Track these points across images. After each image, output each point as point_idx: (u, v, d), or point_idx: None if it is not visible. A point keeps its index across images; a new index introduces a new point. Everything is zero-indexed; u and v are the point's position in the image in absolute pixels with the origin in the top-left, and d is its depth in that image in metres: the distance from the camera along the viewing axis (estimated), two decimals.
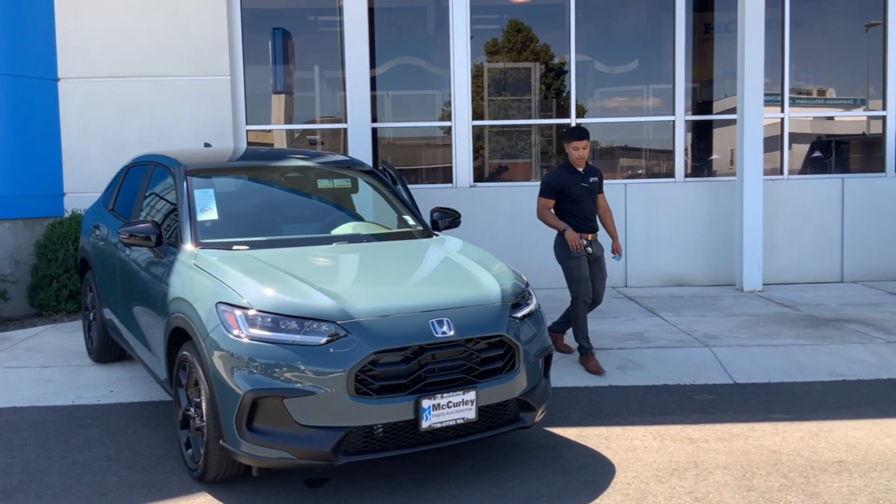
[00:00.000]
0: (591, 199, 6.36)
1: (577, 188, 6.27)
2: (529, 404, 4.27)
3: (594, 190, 6.39)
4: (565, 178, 6.29)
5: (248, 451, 3.81)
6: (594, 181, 6.38)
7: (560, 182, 6.29)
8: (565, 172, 6.31)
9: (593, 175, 6.39)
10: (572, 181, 6.27)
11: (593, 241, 6.33)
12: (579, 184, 6.28)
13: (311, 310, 3.87)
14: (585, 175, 6.32)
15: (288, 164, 5.68)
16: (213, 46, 9.28)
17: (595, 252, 6.34)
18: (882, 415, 5.19)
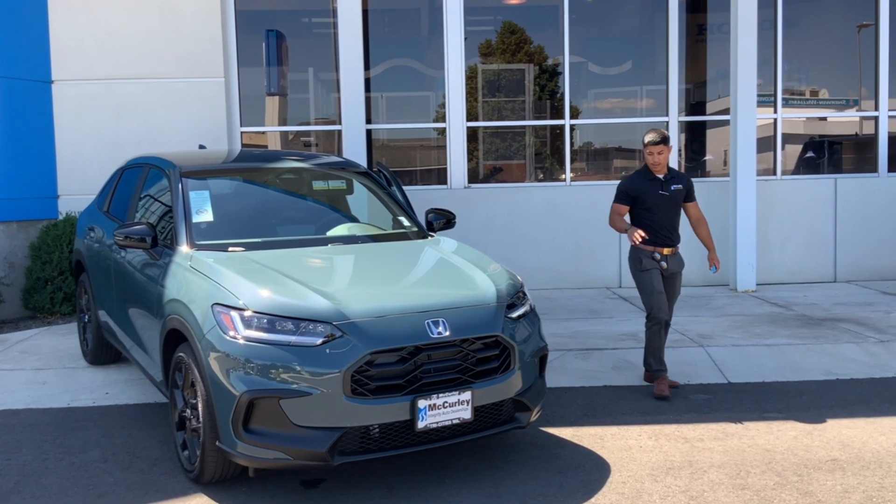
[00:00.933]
0: (671, 208, 5.72)
1: (654, 196, 5.66)
2: (525, 404, 4.29)
3: (676, 199, 5.74)
4: (640, 184, 5.70)
5: (245, 452, 3.82)
6: (677, 189, 5.72)
7: (633, 187, 5.70)
8: (640, 177, 5.73)
9: (677, 182, 5.74)
10: (648, 188, 5.68)
11: (670, 255, 5.71)
12: (657, 191, 5.67)
13: (307, 311, 3.88)
14: (666, 182, 5.69)
15: (283, 166, 5.69)
16: (208, 48, 9.28)
17: (671, 268, 5.72)
18: (875, 413, 5.22)
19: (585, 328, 7.47)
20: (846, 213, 9.81)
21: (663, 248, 5.69)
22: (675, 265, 5.78)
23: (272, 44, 10.58)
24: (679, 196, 5.76)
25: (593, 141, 11.39)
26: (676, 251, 5.79)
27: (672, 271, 5.76)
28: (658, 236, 5.71)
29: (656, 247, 5.69)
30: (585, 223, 9.69)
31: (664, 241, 5.72)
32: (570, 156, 10.16)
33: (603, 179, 10.58)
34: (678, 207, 5.81)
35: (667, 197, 5.70)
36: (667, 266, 5.71)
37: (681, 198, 5.78)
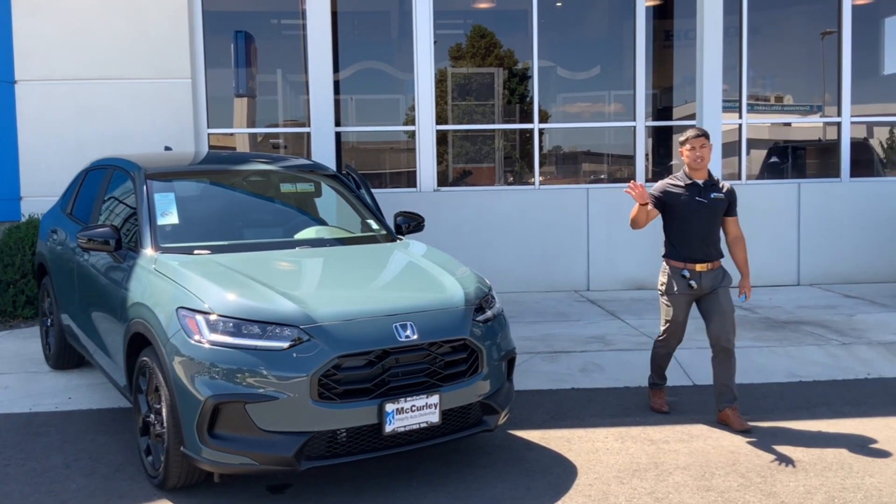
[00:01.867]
0: (709, 220, 5.01)
1: (690, 202, 4.98)
2: (493, 407, 4.30)
3: (715, 209, 5.02)
4: (673, 188, 5.04)
5: (210, 458, 3.78)
6: (717, 198, 5.01)
7: (665, 191, 5.05)
8: (675, 181, 5.08)
9: (717, 191, 5.03)
10: (683, 193, 5.00)
11: (705, 272, 5.01)
12: (692, 198, 4.98)
13: (274, 314, 3.86)
14: (705, 188, 5.00)
15: (250, 168, 5.65)
16: (174, 49, 9.18)
17: (704, 286, 5.03)
18: (837, 415, 5.30)
19: (553, 331, 7.50)
20: (809, 217, 9.96)
21: (695, 265, 5.00)
22: (711, 282, 5.05)
23: (241, 45, 10.51)
24: (719, 206, 5.04)
25: (562, 145, 11.45)
26: (715, 267, 5.05)
27: (707, 290, 5.05)
28: (690, 249, 5.01)
29: (686, 262, 5.01)
30: (554, 227, 9.74)
31: (697, 255, 5.01)
32: (539, 160, 10.20)
33: (572, 183, 10.65)
34: (717, 219, 5.07)
35: (704, 205, 4.99)
36: (697, 285, 5.02)
37: (721, 209, 5.06)
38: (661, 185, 5.11)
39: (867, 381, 6.06)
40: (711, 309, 5.05)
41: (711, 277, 5.06)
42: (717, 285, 5.07)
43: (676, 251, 5.06)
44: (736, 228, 5.19)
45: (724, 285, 5.11)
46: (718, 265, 5.09)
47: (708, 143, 5.02)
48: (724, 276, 5.14)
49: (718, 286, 5.07)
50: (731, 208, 5.15)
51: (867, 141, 11.25)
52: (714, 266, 5.06)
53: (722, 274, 5.13)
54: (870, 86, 11.44)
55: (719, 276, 5.10)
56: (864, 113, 11.14)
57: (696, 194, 5.01)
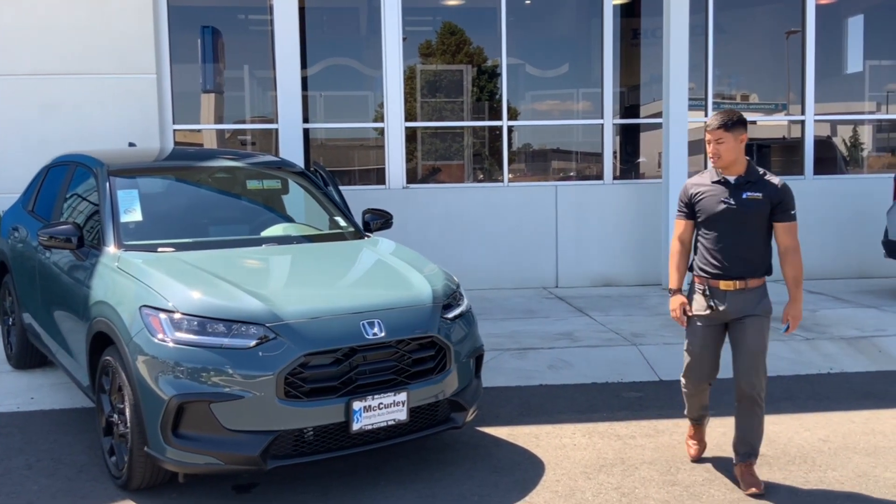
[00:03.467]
0: (738, 226, 4.02)
1: (712, 204, 4.06)
2: (461, 404, 4.30)
3: (749, 212, 3.99)
4: (696, 188, 4.17)
5: (174, 458, 3.74)
6: (753, 199, 3.98)
7: (690, 191, 4.19)
8: (701, 178, 4.20)
9: (755, 188, 4.01)
10: (709, 193, 4.08)
11: (732, 292, 4.04)
12: (717, 199, 4.04)
13: (239, 312, 3.82)
14: (737, 187, 4.02)
15: (216, 165, 5.59)
16: (138, 44, 9.07)
17: (730, 309, 4.07)
18: (800, 409, 5.38)
19: (522, 328, 7.53)
20: None
21: (718, 282, 4.05)
22: (739, 306, 4.05)
23: (208, 40, 10.40)
24: (755, 209, 3.99)
25: (532, 142, 11.48)
26: (748, 287, 4.03)
27: (734, 316, 4.08)
28: (714, 262, 4.08)
29: (710, 278, 4.09)
30: (523, 223, 9.77)
31: (722, 269, 4.05)
32: (508, 157, 10.22)
33: (541, 180, 10.68)
34: (753, 226, 4.02)
35: (732, 208, 4.00)
36: (720, 308, 4.08)
37: (759, 213, 4.00)
38: (686, 187, 4.24)
39: (829, 375, 6.16)
40: (736, 342, 4.11)
41: (741, 300, 4.04)
42: (747, 311, 4.05)
43: (699, 263, 4.17)
44: (788, 237, 4.03)
45: (758, 313, 4.05)
46: (756, 285, 4.05)
47: (730, 136, 3.96)
48: (760, 300, 4.06)
49: (750, 313, 4.05)
50: (780, 211, 4.01)
51: (830, 139, 11.42)
52: (745, 286, 4.02)
53: (758, 298, 4.06)
54: (833, 84, 11.62)
55: (753, 299, 4.04)
56: (829, 111, 11.32)
57: (723, 195, 4.03)
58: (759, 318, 4.08)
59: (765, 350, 4.11)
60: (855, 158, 11.61)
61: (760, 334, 4.09)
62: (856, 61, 11.91)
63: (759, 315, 4.08)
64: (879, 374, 6.18)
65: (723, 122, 3.99)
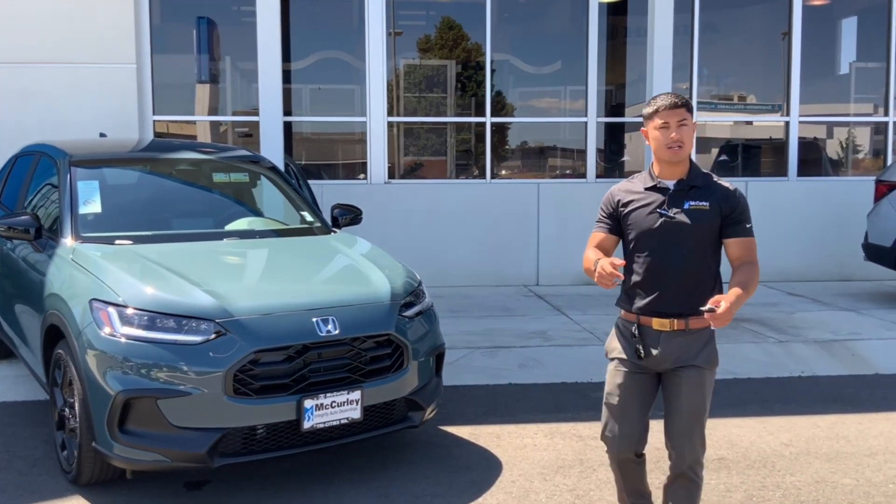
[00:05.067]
0: (686, 244, 3.09)
1: (651, 217, 3.13)
2: (418, 403, 4.26)
3: (692, 228, 3.07)
4: (629, 195, 3.21)
5: (121, 454, 3.70)
6: (696, 209, 3.08)
7: (617, 199, 3.23)
8: (632, 183, 3.26)
9: (700, 197, 3.11)
10: (642, 202, 3.16)
11: (667, 333, 3.10)
12: (652, 209, 3.13)
13: (189, 308, 3.77)
14: (676, 194, 3.12)
15: (181, 157, 5.54)
16: (119, 33, 8.99)
17: (663, 355, 3.12)
18: (767, 412, 5.35)
19: (497, 326, 7.48)
20: (756, 215, 9.65)
21: (651, 319, 3.13)
22: (675, 352, 3.11)
23: (203, 31, 10.37)
24: (702, 222, 3.08)
25: (518, 140, 11.45)
26: (689, 328, 3.09)
27: (667, 365, 3.13)
28: (645, 293, 3.14)
29: (641, 315, 3.16)
30: (504, 220, 9.72)
31: (655, 303, 3.12)
32: (492, 153, 10.17)
33: (526, 178, 10.64)
34: (702, 244, 3.10)
35: (672, 223, 3.09)
36: (652, 354, 3.14)
37: (705, 227, 3.09)
38: (610, 194, 3.28)
39: (800, 379, 6.12)
40: (670, 400, 3.18)
41: (679, 346, 3.10)
42: (686, 360, 3.11)
43: (628, 294, 3.23)
44: (745, 254, 3.12)
45: (698, 364, 3.11)
46: (699, 326, 3.09)
47: (691, 117, 3.09)
48: (703, 347, 3.13)
49: (689, 363, 3.11)
50: (733, 224, 3.11)
51: (816, 140, 11.39)
52: (685, 326, 3.09)
53: (701, 344, 3.13)
54: (826, 85, 11.60)
55: (694, 345, 3.11)
56: (824, 112, 11.30)
57: (660, 203, 3.12)
58: (700, 372, 3.11)
59: (705, 412, 3.14)
60: (846, 161, 11.59)
61: (700, 391, 3.11)
62: (843, 63, 11.90)
63: (699, 367, 3.10)
64: (850, 378, 6.15)
65: (682, 99, 3.09)
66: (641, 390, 3.24)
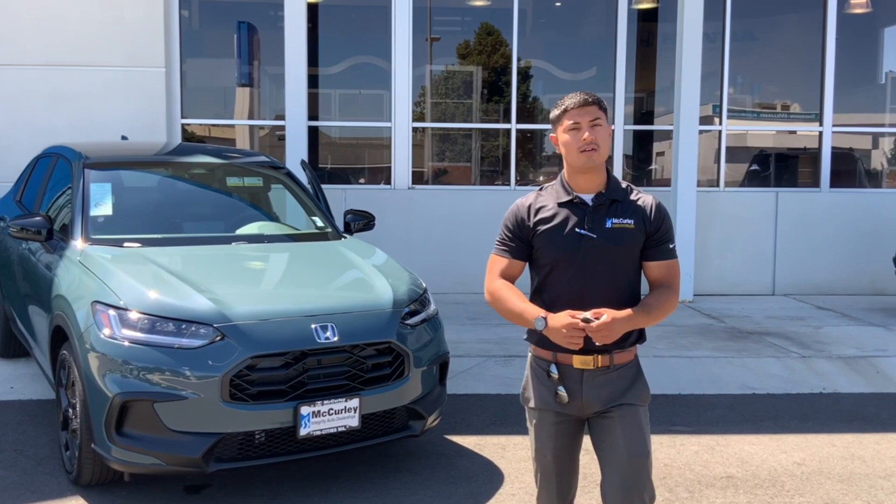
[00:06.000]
0: (608, 269, 2.71)
1: (560, 237, 2.71)
2: (419, 412, 4.22)
3: (624, 247, 2.72)
4: (539, 212, 2.75)
5: (119, 457, 3.71)
6: (623, 228, 2.71)
7: (523, 216, 2.77)
8: (543, 196, 2.79)
9: (622, 212, 2.73)
10: (556, 219, 2.72)
11: (591, 372, 2.71)
12: (569, 228, 2.70)
13: (188, 312, 3.78)
14: (596, 210, 2.72)
15: (196, 161, 5.57)
16: (148, 36, 9.11)
17: (587, 398, 2.73)
18: (782, 430, 5.21)
19: (513, 334, 7.40)
20: (786, 226, 9.86)
21: (571, 357, 2.70)
22: (600, 393, 2.72)
23: (244, 35, 10.52)
24: (626, 243, 2.71)
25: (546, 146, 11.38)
26: (614, 363, 2.72)
27: (595, 408, 2.74)
28: None
29: (558, 352, 2.71)
30: None
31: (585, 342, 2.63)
32: (517, 160, 10.10)
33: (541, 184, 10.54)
34: (625, 268, 2.74)
35: (593, 244, 2.69)
36: (578, 398, 2.72)
37: (631, 247, 2.73)
38: (516, 209, 2.81)
39: (821, 395, 5.97)
40: (603, 446, 2.77)
41: (606, 384, 2.72)
42: (615, 400, 2.72)
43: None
44: (664, 275, 2.75)
45: (630, 401, 2.73)
46: (625, 360, 2.75)
47: (605, 118, 2.71)
48: (632, 382, 2.76)
49: (619, 401, 2.72)
50: (657, 244, 2.75)
51: (852, 151, 11.14)
52: (609, 362, 2.71)
53: (630, 379, 2.75)
54: (864, 95, 11.35)
55: (622, 382, 2.74)
56: (861, 122, 11.06)
57: (578, 221, 2.70)
58: (634, 410, 2.72)
59: (649, 454, 2.73)
60: (883, 172, 11.32)
61: (640, 432, 2.72)
62: (881, 73, 11.63)
63: (632, 404, 2.72)
64: (873, 396, 5.98)
65: (593, 97, 2.71)
66: (570, 442, 2.86)
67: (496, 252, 2.86)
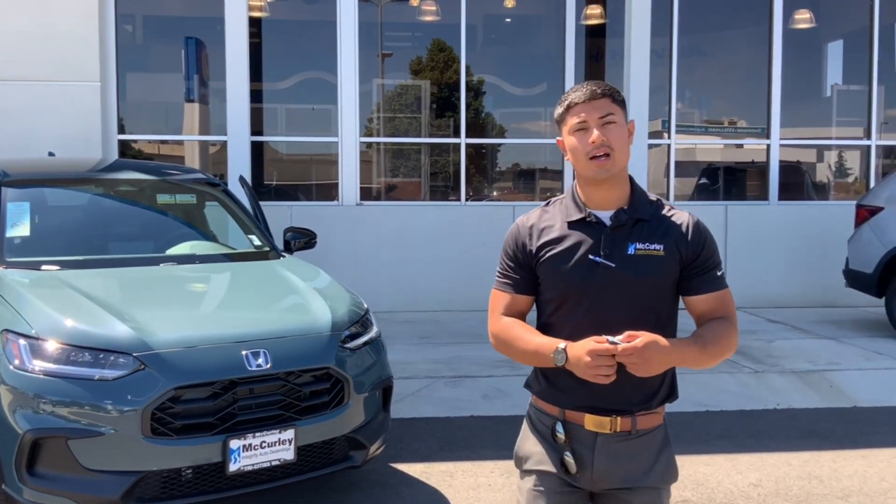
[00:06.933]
0: (631, 305, 2.17)
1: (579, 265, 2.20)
2: (360, 442, 3.99)
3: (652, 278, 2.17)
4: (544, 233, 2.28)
5: (31, 499, 3.42)
6: (650, 255, 2.17)
7: (525, 240, 2.30)
8: (549, 214, 2.33)
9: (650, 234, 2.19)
10: (565, 243, 2.23)
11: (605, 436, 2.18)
12: (582, 253, 2.20)
13: (106, 340, 3.51)
14: (618, 231, 2.20)
15: (125, 177, 5.28)
16: (82, 51, 8.76)
17: (598, 469, 2.19)
18: (737, 449, 5.09)
19: (464, 353, 7.22)
20: (736, 240, 9.83)
21: (583, 415, 2.20)
22: (619, 467, 2.20)
23: (191, 51, 10.27)
24: (654, 273, 2.18)
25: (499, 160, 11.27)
26: (635, 429, 2.19)
27: (608, 484, 2.22)
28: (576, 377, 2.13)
29: (566, 408, 2.23)
30: (479, 243, 9.44)
31: (588, 392, 2.16)
32: (467, 175, 9.95)
33: (499, 200, 10.43)
34: (653, 304, 2.20)
35: (612, 274, 2.18)
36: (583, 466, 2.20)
37: (661, 277, 2.20)
38: (516, 230, 2.34)
39: (775, 411, 5.87)
40: None
41: (623, 455, 2.20)
42: (634, 479, 2.20)
43: (545, 376, 2.25)
44: (716, 308, 2.21)
45: (651, 484, 2.22)
46: (651, 425, 2.22)
47: (620, 112, 2.19)
48: (658, 456, 2.23)
49: (640, 482, 2.20)
50: (701, 273, 2.21)
51: (799, 164, 11.22)
52: (631, 427, 2.19)
53: (654, 451, 2.23)
54: (811, 109, 11.47)
55: (645, 454, 2.22)
56: (809, 136, 11.16)
57: (591, 246, 2.19)
58: (656, 495, 2.23)
59: None
60: (830, 185, 11.43)
61: None
62: (829, 87, 11.78)
63: (654, 487, 2.22)
64: (827, 411, 5.90)
65: (607, 88, 2.19)
66: None
67: (497, 287, 2.35)
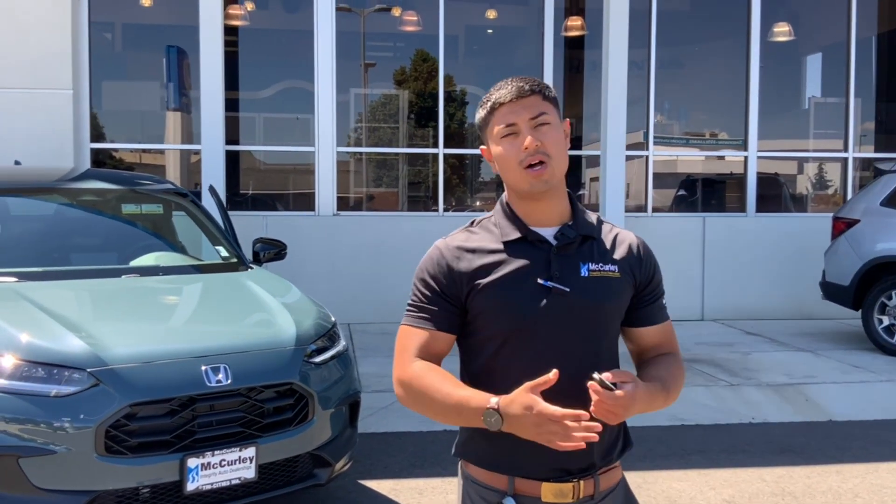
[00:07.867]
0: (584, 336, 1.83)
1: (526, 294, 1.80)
2: (325, 459, 3.89)
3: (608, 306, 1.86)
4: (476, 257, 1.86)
5: None
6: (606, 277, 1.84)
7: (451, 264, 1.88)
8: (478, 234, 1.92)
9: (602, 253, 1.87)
10: (504, 268, 1.82)
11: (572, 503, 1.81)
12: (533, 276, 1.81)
13: (59, 355, 3.39)
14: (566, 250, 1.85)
15: (90, 187, 5.17)
16: (54, 58, 8.63)
17: None
18: (711, 464, 5.02)
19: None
20: (714, 251, 9.83)
21: (539, 484, 1.81)
22: None
23: (173, 59, 10.17)
24: (608, 300, 1.86)
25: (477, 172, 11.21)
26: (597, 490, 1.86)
27: None
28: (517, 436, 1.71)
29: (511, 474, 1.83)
30: None
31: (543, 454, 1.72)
32: (444, 185, 9.88)
33: (479, 210, 10.35)
34: (608, 334, 1.90)
35: (562, 302, 1.81)
36: None
37: (614, 304, 1.88)
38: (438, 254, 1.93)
39: (750, 426, 5.82)
40: None
41: None
42: None
43: (483, 436, 1.82)
44: (664, 339, 2.01)
45: None
46: (612, 483, 1.93)
47: (553, 111, 1.85)
48: None
49: None
50: (650, 301, 1.97)
51: (777, 176, 11.24)
52: (593, 490, 1.87)
53: None
54: (789, 121, 11.50)
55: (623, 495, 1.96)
56: (787, 148, 11.18)
57: (538, 269, 1.84)
58: None
59: None
60: (808, 197, 11.45)
61: None
62: (804, 99, 11.82)
63: None
64: (802, 425, 5.86)
65: (536, 84, 1.84)
66: None
67: (408, 322, 1.90)
